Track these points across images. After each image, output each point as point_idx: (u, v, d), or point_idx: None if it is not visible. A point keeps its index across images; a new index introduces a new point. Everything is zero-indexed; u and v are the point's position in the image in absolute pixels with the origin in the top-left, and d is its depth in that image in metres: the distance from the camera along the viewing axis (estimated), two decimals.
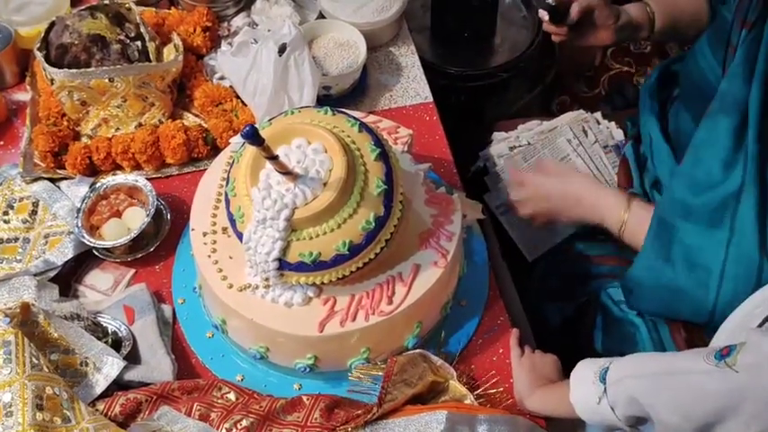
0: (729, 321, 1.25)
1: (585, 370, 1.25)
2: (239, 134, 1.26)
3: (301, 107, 1.43)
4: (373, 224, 1.22)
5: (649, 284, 1.42)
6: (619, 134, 1.78)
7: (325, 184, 1.21)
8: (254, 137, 1.08)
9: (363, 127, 1.28)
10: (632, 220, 1.46)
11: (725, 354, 1.07)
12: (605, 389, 1.19)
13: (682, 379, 1.11)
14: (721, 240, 1.33)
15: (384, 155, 1.26)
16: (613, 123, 1.78)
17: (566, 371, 1.41)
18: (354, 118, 1.30)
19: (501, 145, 1.76)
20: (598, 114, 1.80)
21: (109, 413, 1.27)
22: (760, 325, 1.15)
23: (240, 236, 1.25)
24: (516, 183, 1.60)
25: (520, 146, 1.75)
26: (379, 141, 1.28)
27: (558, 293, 1.71)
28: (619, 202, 1.48)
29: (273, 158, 1.16)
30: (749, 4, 1.37)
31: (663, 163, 1.60)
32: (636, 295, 1.47)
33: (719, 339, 1.24)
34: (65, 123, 1.66)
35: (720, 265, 1.33)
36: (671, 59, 1.79)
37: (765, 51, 1.33)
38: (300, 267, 1.23)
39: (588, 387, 1.22)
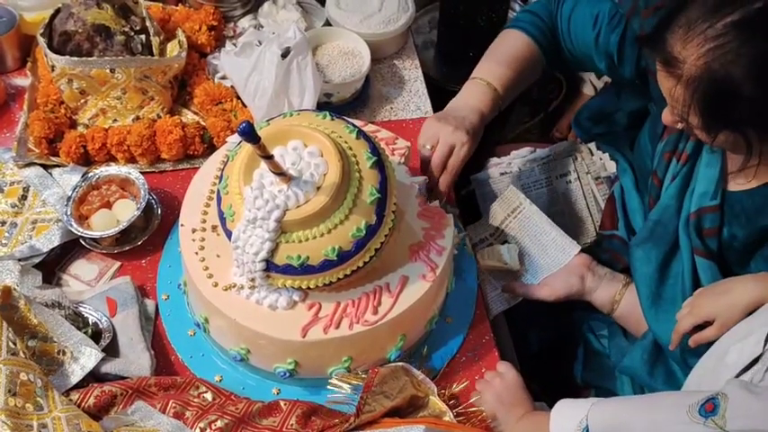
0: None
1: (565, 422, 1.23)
2: (236, 131, 1.25)
3: (300, 110, 1.43)
4: (364, 232, 1.21)
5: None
6: (612, 166, 1.77)
7: (318, 188, 1.20)
8: (249, 134, 1.07)
9: (361, 134, 1.28)
10: (623, 303, 1.49)
11: (709, 410, 1.04)
12: None
13: None
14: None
15: (380, 164, 1.25)
16: (606, 155, 1.77)
17: (546, 396, 1.39)
18: (353, 125, 1.30)
19: (492, 170, 1.76)
20: (592, 145, 1.79)
21: (83, 404, 1.25)
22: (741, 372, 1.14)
23: (229, 234, 1.24)
24: None
25: (510, 172, 1.75)
26: (375, 150, 1.27)
27: (540, 321, 1.70)
28: (612, 291, 1.50)
29: (268, 158, 1.15)
30: (678, 137, 1.37)
31: (635, 212, 1.60)
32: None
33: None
34: (62, 111, 1.66)
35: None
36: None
37: (692, 191, 1.34)
38: (287, 270, 1.22)
39: None
